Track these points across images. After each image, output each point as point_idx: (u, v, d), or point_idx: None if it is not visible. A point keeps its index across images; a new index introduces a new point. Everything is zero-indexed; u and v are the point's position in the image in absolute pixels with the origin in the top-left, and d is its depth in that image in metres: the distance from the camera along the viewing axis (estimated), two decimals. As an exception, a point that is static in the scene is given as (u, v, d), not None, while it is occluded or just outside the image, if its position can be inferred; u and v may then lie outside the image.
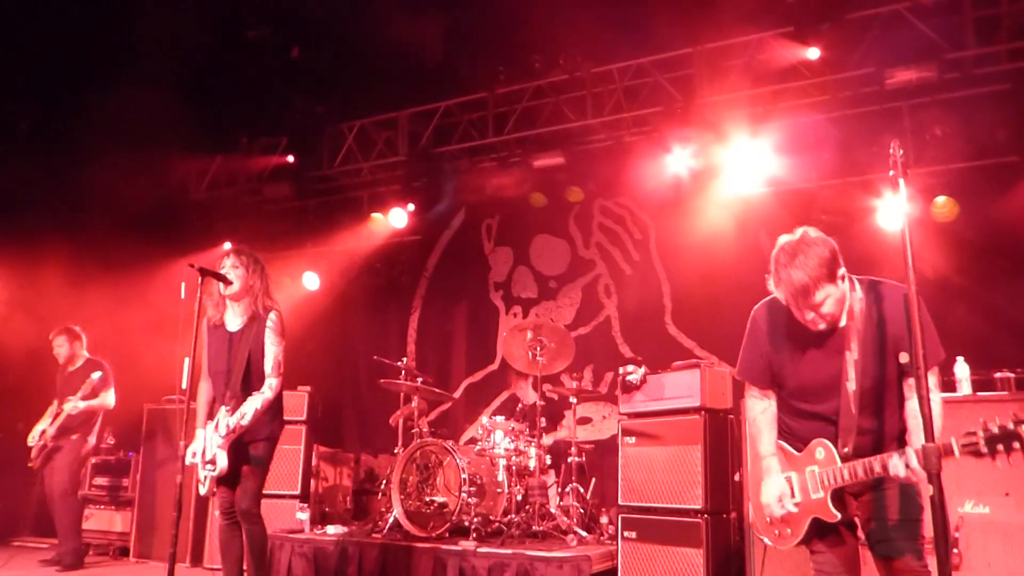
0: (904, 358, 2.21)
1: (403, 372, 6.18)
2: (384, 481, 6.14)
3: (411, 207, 7.64)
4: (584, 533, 5.39)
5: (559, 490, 6.02)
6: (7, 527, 7.68)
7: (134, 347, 7.44)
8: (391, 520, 5.54)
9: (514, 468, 5.62)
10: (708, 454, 4.51)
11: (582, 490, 5.76)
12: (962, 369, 4.22)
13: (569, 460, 5.76)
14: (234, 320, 4.05)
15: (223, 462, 3.76)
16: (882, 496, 2.49)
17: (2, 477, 7.59)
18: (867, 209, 5.91)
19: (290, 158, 8.08)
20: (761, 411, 2.73)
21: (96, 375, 6.07)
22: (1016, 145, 5.54)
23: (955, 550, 3.80)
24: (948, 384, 4.23)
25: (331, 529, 5.76)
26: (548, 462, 6.00)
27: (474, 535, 5.17)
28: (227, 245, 7.60)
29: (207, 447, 3.81)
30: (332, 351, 8.39)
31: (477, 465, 5.60)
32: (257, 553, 4.04)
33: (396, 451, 5.93)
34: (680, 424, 4.65)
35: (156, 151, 7.90)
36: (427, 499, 5.55)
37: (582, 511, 5.64)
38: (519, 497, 5.59)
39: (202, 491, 3.90)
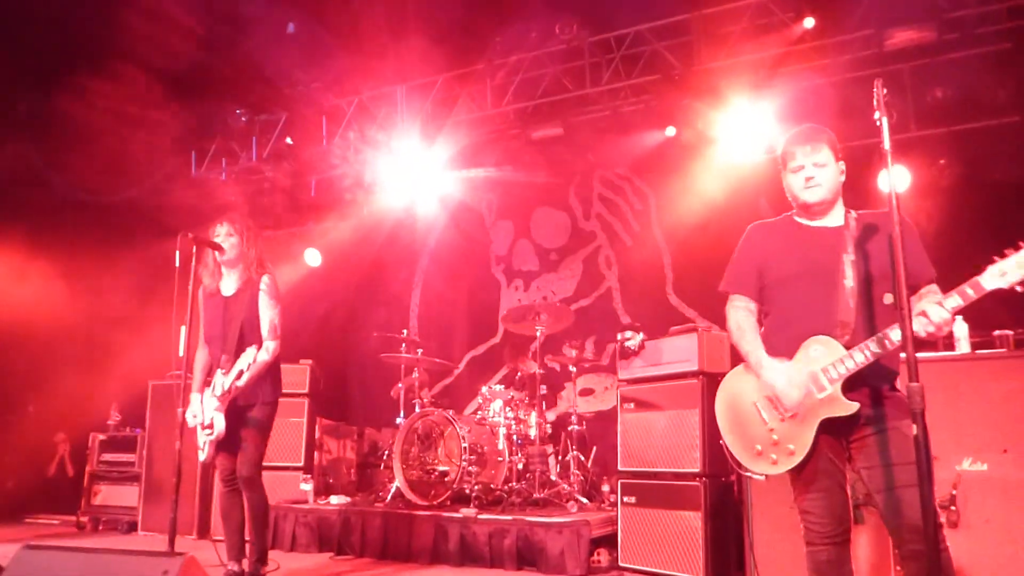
0: (888, 299, 2.19)
1: (404, 344, 6.20)
2: (387, 453, 6.18)
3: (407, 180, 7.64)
4: (585, 500, 5.41)
5: (559, 459, 6.05)
6: (20, 504, 7.78)
7: (136, 325, 7.49)
8: (393, 490, 5.59)
9: (515, 437, 5.65)
10: (706, 418, 4.48)
11: (583, 458, 5.77)
12: (960, 328, 4.18)
13: (569, 428, 5.77)
14: (230, 287, 4.07)
15: (221, 425, 3.78)
16: (884, 438, 2.35)
17: (13, 456, 7.70)
18: (868, 174, 5.85)
19: (289, 140, 8.07)
20: (744, 317, 2.64)
21: None
22: (1017, 105, 5.47)
23: (953, 507, 3.79)
24: (947, 344, 4.21)
25: (334, 499, 5.81)
26: (549, 431, 6.02)
27: (475, 503, 5.21)
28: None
29: (204, 411, 3.84)
30: (335, 326, 8.42)
31: (478, 434, 5.62)
32: (259, 520, 4.08)
33: (398, 421, 5.97)
34: (678, 388, 4.64)
35: (154, 130, 7.90)
36: (428, 468, 5.59)
37: (583, 479, 5.66)
38: (520, 466, 5.63)
39: (202, 457, 3.91)
